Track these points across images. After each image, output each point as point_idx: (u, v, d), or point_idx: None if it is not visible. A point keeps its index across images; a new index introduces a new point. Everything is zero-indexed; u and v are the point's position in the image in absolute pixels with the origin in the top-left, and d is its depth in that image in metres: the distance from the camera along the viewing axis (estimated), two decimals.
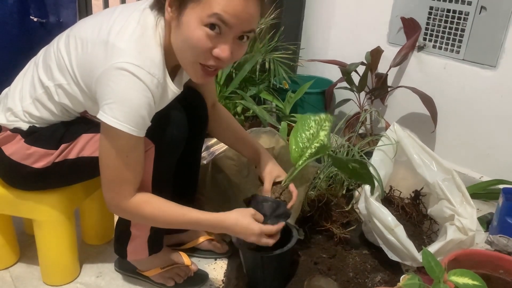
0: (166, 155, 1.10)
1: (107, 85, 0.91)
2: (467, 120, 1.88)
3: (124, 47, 0.92)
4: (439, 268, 0.90)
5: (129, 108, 0.91)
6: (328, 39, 2.35)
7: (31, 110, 1.07)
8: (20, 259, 1.34)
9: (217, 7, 0.88)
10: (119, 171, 0.97)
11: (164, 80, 0.98)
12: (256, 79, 2.12)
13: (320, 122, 1.22)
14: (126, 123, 0.91)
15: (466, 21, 1.80)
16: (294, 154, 1.19)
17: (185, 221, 1.04)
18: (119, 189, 0.99)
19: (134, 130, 0.93)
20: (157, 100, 0.96)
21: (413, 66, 2.01)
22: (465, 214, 1.30)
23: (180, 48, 0.96)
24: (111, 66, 0.90)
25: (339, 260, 1.38)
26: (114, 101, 0.91)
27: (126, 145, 0.95)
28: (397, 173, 1.49)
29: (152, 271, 1.25)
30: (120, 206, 1.01)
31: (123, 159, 0.96)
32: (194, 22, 0.90)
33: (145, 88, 0.91)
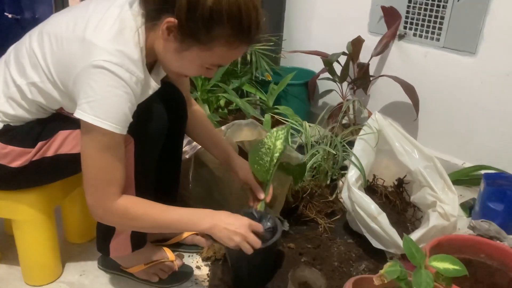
0: (147, 149, 1.08)
1: (86, 84, 0.89)
2: (448, 107, 1.90)
3: (102, 44, 0.90)
4: (420, 254, 0.90)
5: (110, 106, 0.90)
6: (310, 30, 2.34)
7: (5, 109, 1.04)
8: (1, 260, 1.32)
9: (220, 60, 0.98)
10: (105, 172, 0.95)
11: (144, 78, 0.97)
12: (238, 72, 2.10)
13: (273, 135, 1.28)
14: (108, 121, 0.90)
15: (445, 8, 1.80)
16: (259, 173, 1.25)
17: (169, 219, 1.01)
18: (105, 191, 0.96)
19: (117, 128, 0.91)
20: (137, 97, 0.95)
21: (394, 55, 2.01)
22: (447, 200, 1.31)
23: (170, 65, 1.00)
24: (89, 64, 0.89)
25: (324, 250, 1.39)
26: (95, 99, 0.89)
27: (110, 144, 0.94)
28: (380, 162, 1.50)
29: (136, 268, 1.24)
30: (107, 210, 0.98)
31: (108, 159, 0.94)
32: (197, 62, 0.97)
33: (125, 85, 0.90)
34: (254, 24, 0.92)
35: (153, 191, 1.16)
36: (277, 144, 1.27)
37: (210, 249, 1.35)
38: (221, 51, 0.94)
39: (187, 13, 0.88)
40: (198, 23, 0.89)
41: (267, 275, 1.27)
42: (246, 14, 0.90)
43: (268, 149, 1.26)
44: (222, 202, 1.46)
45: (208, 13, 0.87)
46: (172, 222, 1.02)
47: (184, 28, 0.90)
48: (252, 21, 0.92)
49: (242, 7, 0.89)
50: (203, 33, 0.90)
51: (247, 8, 0.90)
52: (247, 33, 0.93)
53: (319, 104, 2.41)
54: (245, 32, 0.92)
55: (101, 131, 0.90)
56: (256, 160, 1.26)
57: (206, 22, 0.89)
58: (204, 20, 0.88)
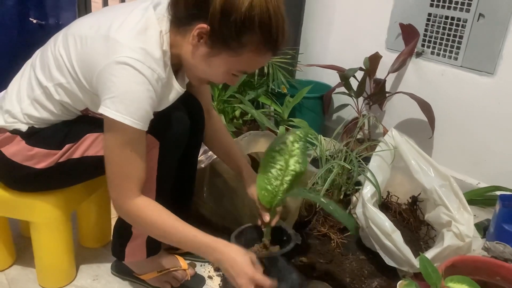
0: (170, 152, 1.10)
1: (108, 80, 0.91)
2: (464, 126, 1.89)
3: (125, 42, 0.92)
4: (436, 274, 0.90)
5: (131, 102, 0.91)
6: (327, 44, 2.36)
7: (30, 111, 1.06)
8: (16, 261, 1.33)
9: (247, 67, 1.00)
10: (124, 167, 0.97)
11: (168, 79, 1.00)
12: (255, 83, 2.12)
13: (288, 149, 1.13)
14: (129, 116, 0.91)
15: (464, 28, 1.81)
16: (265, 198, 1.12)
17: (182, 234, 1.00)
18: (123, 187, 0.98)
19: (138, 124, 0.93)
20: (158, 95, 0.97)
21: (411, 72, 2.02)
22: (462, 220, 1.30)
23: (196, 71, 1.02)
24: (112, 60, 0.91)
25: (336, 265, 1.38)
26: (117, 95, 0.91)
27: (130, 139, 0.95)
28: (394, 178, 1.50)
29: (149, 275, 1.24)
30: (123, 206, 1.00)
31: (127, 154, 0.96)
32: (224, 68, 0.99)
33: (146, 81, 0.92)
34: (281, 32, 0.94)
35: (169, 197, 1.17)
36: (290, 164, 1.12)
37: None
38: (249, 57, 0.96)
39: (220, 19, 0.90)
40: (231, 29, 0.91)
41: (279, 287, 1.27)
42: (275, 21, 0.92)
43: (280, 170, 1.12)
44: (235, 213, 1.46)
45: (241, 20, 0.89)
46: (180, 240, 1.01)
47: (216, 34, 0.92)
48: (280, 29, 0.94)
49: (272, 15, 0.91)
50: (234, 39, 0.92)
51: (276, 16, 0.92)
52: (275, 41, 0.95)
53: (333, 118, 2.41)
54: (273, 39, 0.94)
55: (122, 126, 0.92)
56: (264, 185, 1.12)
57: (238, 28, 0.91)
58: (237, 26, 0.90)
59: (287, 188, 1.13)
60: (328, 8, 2.31)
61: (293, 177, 1.13)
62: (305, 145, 1.16)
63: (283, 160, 1.13)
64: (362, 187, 1.38)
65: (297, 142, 1.14)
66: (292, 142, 1.14)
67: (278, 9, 0.92)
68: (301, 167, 1.13)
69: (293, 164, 1.12)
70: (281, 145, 1.14)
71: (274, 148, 1.14)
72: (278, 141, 1.16)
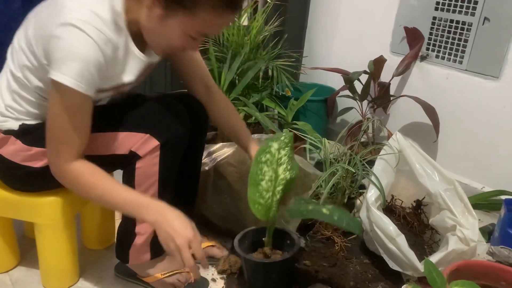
0: (171, 152, 1.10)
1: (54, 43, 0.90)
2: (469, 130, 1.88)
3: (71, 5, 0.91)
4: (441, 278, 0.89)
5: (75, 63, 0.89)
6: (331, 47, 2.36)
7: (13, 105, 1.07)
8: (20, 262, 1.34)
9: (205, 28, 0.96)
10: (64, 132, 0.95)
11: (126, 46, 0.99)
12: (259, 86, 2.12)
13: (274, 158, 1.08)
14: (72, 77, 0.90)
15: (469, 31, 1.80)
16: (259, 212, 1.09)
17: (121, 196, 0.98)
18: (61, 150, 0.97)
19: (81, 86, 0.91)
20: (108, 59, 0.95)
21: (416, 75, 2.01)
22: (467, 225, 1.30)
23: (153, 35, 1.00)
24: (58, 23, 0.90)
25: (340, 268, 1.38)
26: (61, 57, 0.90)
27: (73, 103, 0.93)
28: (398, 182, 1.49)
29: (152, 278, 1.24)
30: (60, 169, 0.99)
31: (69, 120, 0.94)
32: (180, 30, 0.96)
33: (92, 42, 0.90)
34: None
35: (173, 196, 1.17)
36: (279, 173, 1.08)
37: (225, 262, 1.35)
38: (205, 17, 0.93)
39: None
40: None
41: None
42: None
43: (270, 181, 1.08)
44: (238, 216, 1.46)
45: None
46: (118, 202, 0.98)
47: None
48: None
49: None
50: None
51: None
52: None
53: (337, 121, 2.41)
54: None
55: (65, 89, 0.90)
56: (256, 198, 1.08)
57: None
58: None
59: (280, 198, 1.11)
60: (332, 11, 2.31)
61: (285, 186, 1.10)
62: (292, 149, 1.12)
63: (271, 170, 1.09)
64: (367, 191, 1.38)
65: (283, 148, 1.10)
66: (278, 150, 1.10)
67: None
68: (291, 174, 1.10)
69: (282, 173, 1.09)
70: (267, 155, 1.10)
71: (261, 159, 1.09)
72: (264, 150, 1.10)
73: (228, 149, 1.52)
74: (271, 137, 1.14)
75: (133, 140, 1.05)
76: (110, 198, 0.98)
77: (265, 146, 1.11)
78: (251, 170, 1.09)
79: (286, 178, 1.10)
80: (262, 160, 1.09)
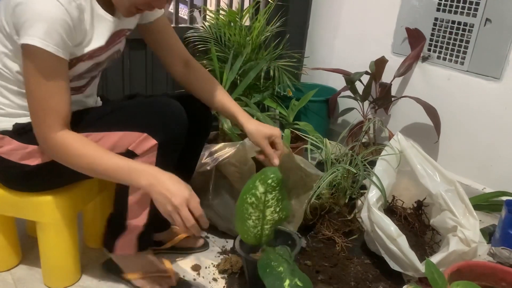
0: (168, 151, 1.10)
1: (19, 9, 0.90)
2: (470, 131, 1.89)
3: None
4: (442, 279, 0.90)
5: (41, 23, 0.89)
6: (333, 48, 2.36)
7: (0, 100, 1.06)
8: (22, 261, 1.34)
9: None
10: (43, 99, 0.94)
11: (92, 8, 0.98)
12: (260, 86, 2.13)
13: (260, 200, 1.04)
14: (40, 38, 0.89)
15: (471, 33, 1.81)
16: (250, 241, 1.10)
17: (111, 162, 0.97)
18: (46, 120, 0.95)
19: (51, 47, 0.90)
20: (75, 20, 0.94)
21: (417, 76, 2.02)
22: (468, 226, 1.30)
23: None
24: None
25: (341, 269, 1.38)
26: (26, 20, 0.89)
27: (45, 66, 0.92)
28: (399, 183, 1.49)
29: (134, 274, 1.25)
30: (46, 138, 0.97)
31: (45, 84, 0.93)
32: None
33: (56, 2, 0.90)
34: None
35: None
36: (266, 215, 1.05)
37: (227, 262, 1.36)
38: None
39: None
40: None
41: None
42: None
43: (257, 220, 1.06)
44: None
45: None
46: (109, 168, 0.97)
47: None
48: None
49: None
50: None
51: None
52: None
53: (338, 122, 2.41)
54: None
55: (35, 50, 0.89)
56: (244, 232, 1.09)
57: None
58: None
59: (269, 234, 1.11)
60: (334, 11, 2.31)
61: (274, 224, 1.10)
62: (282, 190, 1.06)
63: (258, 211, 1.05)
64: (368, 191, 1.38)
65: (270, 192, 1.04)
66: (264, 193, 1.04)
67: None
68: (280, 214, 1.08)
69: (270, 215, 1.07)
70: (252, 198, 1.04)
71: (246, 199, 1.05)
72: (249, 190, 1.05)
73: (229, 149, 1.53)
74: (259, 172, 1.06)
75: (130, 139, 1.05)
76: (100, 165, 0.96)
77: (251, 185, 1.04)
78: (238, 203, 1.06)
79: (275, 219, 1.08)
80: (248, 201, 1.05)
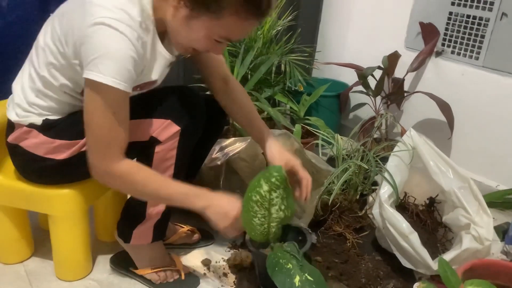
0: (189, 137, 1.12)
1: (88, 43, 0.90)
2: (484, 127, 1.86)
3: (102, 3, 0.91)
4: (455, 277, 0.88)
5: (112, 61, 0.90)
6: (345, 43, 2.34)
7: (37, 101, 1.08)
8: (35, 253, 1.36)
9: (229, 32, 0.96)
10: (107, 130, 0.95)
11: (153, 44, 1.00)
12: (271, 81, 2.11)
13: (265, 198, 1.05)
14: (111, 76, 0.90)
15: (486, 27, 1.77)
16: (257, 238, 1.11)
17: (173, 189, 1.02)
18: (107, 150, 0.96)
19: (120, 84, 0.91)
20: (140, 56, 0.95)
21: (431, 71, 1.99)
22: (481, 223, 1.28)
23: (178, 36, 1.00)
24: (90, 23, 0.89)
25: (352, 265, 1.37)
26: (97, 56, 0.89)
27: (113, 101, 0.93)
28: (411, 179, 1.48)
29: (144, 270, 1.26)
30: (109, 171, 0.97)
31: (111, 117, 0.94)
32: (204, 32, 0.96)
33: (126, 39, 0.90)
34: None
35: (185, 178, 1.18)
36: (272, 212, 1.08)
37: (237, 257, 1.36)
38: (230, 21, 0.93)
39: None
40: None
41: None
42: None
43: (263, 218, 1.07)
44: None
45: None
46: (171, 194, 1.02)
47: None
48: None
49: None
50: (213, 1, 0.90)
51: None
52: (258, 5, 0.92)
53: (350, 117, 2.39)
54: (256, 4, 0.92)
55: (104, 87, 0.90)
56: (251, 229, 1.09)
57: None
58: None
59: (277, 232, 1.12)
60: (346, 5, 2.29)
61: (280, 222, 1.11)
62: (287, 189, 1.07)
63: (263, 209, 1.07)
64: (380, 187, 1.37)
65: (274, 191, 1.05)
66: (269, 191, 1.05)
67: None
68: (286, 212, 1.09)
69: (275, 213, 1.08)
70: (257, 196, 1.05)
71: (251, 197, 1.05)
72: (254, 188, 1.06)
73: (240, 144, 1.52)
74: (264, 171, 1.07)
75: (154, 126, 1.07)
76: (165, 192, 1.02)
77: (256, 183, 1.06)
78: (243, 201, 1.06)
79: (281, 217, 1.09)
80: (253, 199, 1.06)
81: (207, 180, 1.49)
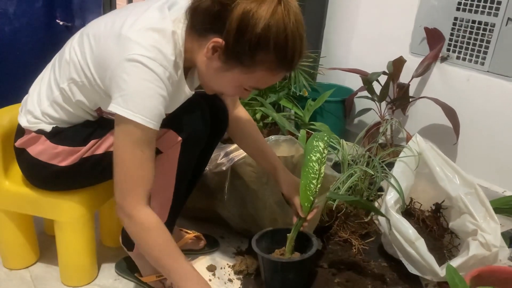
0: (191, 148, 1.11)
1: (120, 77, 0.90)
2: (490, 132, 1.85)
3: (137, 39, 0.91)
4: (464, 284, 0.88)
5: (143, 100, 0.90)
6: (350, 48, 2.34)
7: (49, 111, 1.08)
8: (40, 259, 1.36)
9: (259, 83, 0.99)
10: (135, 169, 0.94)
11: (179, 81, 0.99)
12: (276, 86, 2.12)
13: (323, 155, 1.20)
14: (141, 114, 0.90)
15: (492, 32, 1.77)
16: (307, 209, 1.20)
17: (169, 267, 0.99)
18: (134, 192, 0.95)
19: (150, 122, 0.91)
20: (169, 94, 0.95)
21: (436, 77, 1.98)
22: (488, 230, 1.27)
23: (208, 81, 1.02)
24: (124, 58, 0.90)
25: (358, 271, 1.36)
26: (128, 93, 0.89)
27: (142, 139, 0.93)
28: (417, 185, 1.47)
29: (149, 278, 1.25)
30: (129, 214, 0.96)
31: (139, 155, 0.94)
32: (236, 83, 0.99)
33: (158, 79, 0.91)
34: (297, 53, 0.93)
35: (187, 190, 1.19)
36: (322, 171, 1.20)
37: (242, 263, 1.35)
38: (262, 75, 0.95)
39: (235, 36, 0.89)
40: (245, 47, 0.90)
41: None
42: (292, 43, 0.91)
43: (318, 179, 1.19)
44: (255, 216, 1.46)
45: (256, 39, 0.89)
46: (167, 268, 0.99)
47: (230, 50, 0.91)
48: (296, 50, 0.92)
49: (289, 36, 0.90)
50: (247, 57, 0.91)
51: (293, 37, 0.90)
52: (290, 61, 0.94)
53: (354, 123, 2.39)
54: (288, 60, 0.93)
55: (133, 124, 0.90)
56: (307, 195, 1.19)
57: (253, 47, 0.90)
58: (251, 45, 0.89)
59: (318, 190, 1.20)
60: (351, 10, 2.29)
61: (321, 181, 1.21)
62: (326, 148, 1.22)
63: (320, 168, 1.19)
64: (385, 193, 1.36)
65: (326, 148, 1.21)
66: (324, 148, 1.21)
67: (297, 30, 0.90)
68: (325, 170, 1.21)
69: (323, 170, 1.21)
70: (317, 154, 1.19)
71: (312, 158, 1.19)
72: (311, 149, 1.20)
73: None
74: (311, 136, 1.23)
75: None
76: (164, 263, 0.99)
77: (310, 146, 1.20)
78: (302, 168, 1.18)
79: (323, 174, 1.21)
80: (313, 159, 1.19)
81: (212, 186, 1.49)
